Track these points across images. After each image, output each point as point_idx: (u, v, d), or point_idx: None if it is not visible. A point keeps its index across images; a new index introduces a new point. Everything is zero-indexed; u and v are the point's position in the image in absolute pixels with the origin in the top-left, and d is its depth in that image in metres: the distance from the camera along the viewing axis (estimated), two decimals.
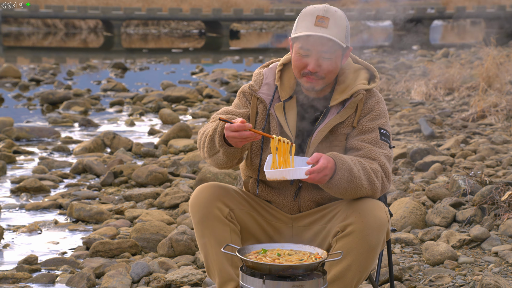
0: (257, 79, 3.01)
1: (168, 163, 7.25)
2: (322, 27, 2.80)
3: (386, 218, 2.79)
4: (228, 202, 2.90)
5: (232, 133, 2.72)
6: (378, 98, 2.96)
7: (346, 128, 2.91)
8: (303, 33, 2.82)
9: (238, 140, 2.73)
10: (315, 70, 2.83)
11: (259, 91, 2.98)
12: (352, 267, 2.76)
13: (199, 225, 2.87)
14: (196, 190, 2.93)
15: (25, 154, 8.08)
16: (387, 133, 2.93)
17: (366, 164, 2.81)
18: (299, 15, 2.89)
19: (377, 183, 2.81)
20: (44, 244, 5.02)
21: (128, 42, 29.81)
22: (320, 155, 2.70)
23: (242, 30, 37.47)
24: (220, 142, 2.81)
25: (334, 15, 2.84)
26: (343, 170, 2.72)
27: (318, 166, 2.66)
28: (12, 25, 33.57)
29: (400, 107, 10.56)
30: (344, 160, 2.74)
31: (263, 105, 2.97)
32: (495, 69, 10.74)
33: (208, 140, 2.88)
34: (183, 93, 12.77)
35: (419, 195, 5.44)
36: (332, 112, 2.90)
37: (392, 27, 37.68)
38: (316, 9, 2.84)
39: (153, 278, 4.03)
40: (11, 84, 14.85)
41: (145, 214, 5.37)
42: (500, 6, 35.72)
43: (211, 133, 2.87)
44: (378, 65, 16.63)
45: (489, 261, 4.16)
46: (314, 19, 2.82)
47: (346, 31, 2.86)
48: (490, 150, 6.89)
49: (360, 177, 2.76)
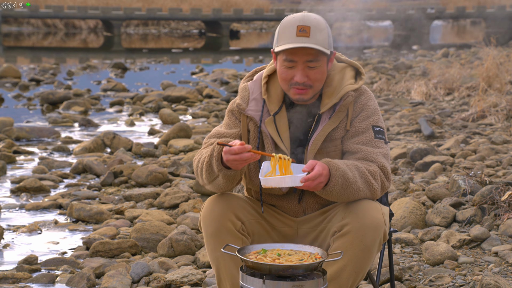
0: (243, 95, 2.96)
1: (168, 163, 7.25)
2: (304, 37, 2.76)
3: (382, 219, 2.79)
4: (240, 215, 2.88)
5: (233, 156, 2.69)
6: (368, 96, 2.93)
7: (340, 132, 2.89)
8: (286, 45, 2.78)
9: (239, 162, 2.71)
10: (302, 81, 2.80)
11: (247, 109, 2.92)
12: (347, 267, 2.75)
13: (212, 238, 2.84)
14: (208, 202, 2.90)
15: (25, 154, 8.08)
16: (380, 129, 2.90)
17: (363, 167, 2.80)
18: (279, 27, 2.84)
19: (375, 185, 2.80)
20: (44, 244, 5.02)
21: (128, 42, 29.82)
22: (315, 162, 2.69)
23: (242, 30, 37.48)
24: (219, 166, 2.78)
25: (314, 22, 2.79)
26: (337, 177, 2.72)
27: (313, 173, 2.66)
28: (12, 25, 33.58)
29: (400, 107, 10.56)
30: (338, 167, 2.73)
31: (253, 123, 2.94)
32: (495, 69, 10.74)
33: (205, 166, 2.84)
34: (183, 93, 12.77)
35: (419, 195, 5.44)
36: (324, 118, 2.88)
37: (392, 27, 37.69)
38: (295, 19, 2.80)
39: (153, 278, 4.03)
40: (11, 84, 14.85)
41: (145, 214, 5.37)
42: (500, 6, 35.71)
43: (208, 159, 2.83)
44: (378, 65, 16.63)
45: (489, 261, 4.16)
46: (295, 30, 2.78)
47: (328, 36, 2.82)
48: (490, 150, 6.89)
49: (356, 182, 2.76)
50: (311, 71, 2.81)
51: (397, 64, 16.59)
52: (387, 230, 2.85)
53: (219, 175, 2.81)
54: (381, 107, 10.46)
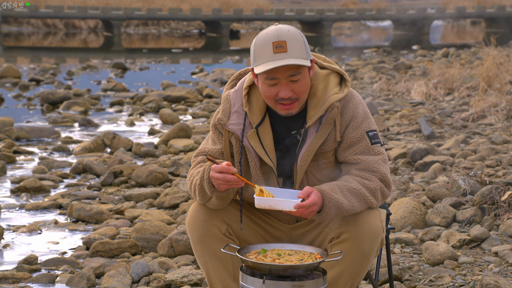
0: (225, 107, 2.88)
1: (168, 163, 7.25)
2: (282, 53, 2.69)
3: (381, 227, 2.78)
4: (225, 218, 2.86)
5: (217, 174, 2.67)
6: (355, 102, 2.84)
7: (330, 144, 2.82)
8: (265, 65, 2.70)
9: (221, 182, 2.67)
10: (288, 96, 2.72)
11: (228, 123, 2.85)
12: (344, 274, 2.75)
13: (198, 244, 2.85)
14: (191, 209, 2.89)
15: (25, 154, 8.08)
16: (375, 133, 2.84)
17: (362, 187, 2.75)
18: (254, 45, 2.77)
19: (374, 202, 2.78)
20: (44, 244, 5.02)
21: (128, 42, 29.82)
22: (311, 190, 2.67)
23: (242, 30, 37.48)
24: (211, 188, 2.76)
25: (288, 35, 2.72)
26: (330, 207, 2.69)
27: (308, 201, 2.64)
28: (12, 25, 33.58)
29: (400, 107, 10.56)
30: (331, 197, 2.69)
31: (235, 137, 2.87)
32: (495, 69, 10.75)
33: (198, 189, 2.81)
34: (183, 93, 12.77)
35: (419, 195, 5.44)
36: (311, 132, 2.80)
37: (392, 27, 37.69)
38: (269, 35, 2.73)
39: (153, 278, 4.03)
40: (11, 84, 14.85)
41: (145, 214, 5.37)
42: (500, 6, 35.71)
43: (199, 181, 2.80)
44: (378, 65, 16.63)
45: (489, 261, 4.16)
46: (271, 47, 2.70)
47: (305, 46, 2.75)
48: (490, 150, 6.89)
49: (352, 207, 2.73)
50: (294, 84, 2.73)
51: (397, 64, 16.59)
52: (384, 237, 2.84)
53: (212, 197, 2.79)
54: (381, 107, 10.46)
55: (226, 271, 2.83)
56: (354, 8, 38.00)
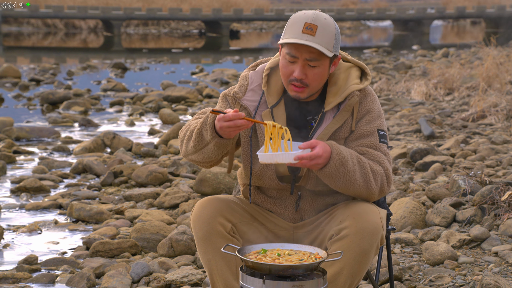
0: (242, 84, 2.94)
1: (168, 163, 7.25)
2: (310, 35, 2.73)
3: (380, 224, 2.78)
4: (230, 217, 2.87)
5: (226, 123, 2.68)
6: (373, 98, 2.91)
7: (345, 132, 2.86)
8: (289, 39, 2.76)
9: (232, 129, 2.69)
10: (300, 77, 2.77)
11: (243, 98, 2.90)
12: (344, 271, 2.75)
13: (202, 242, 2.84)
14: (197, 206, 2.89)
15: (25, 154, 8.08)
16: (385, 133, 2.90)
17: (368, 163, 2.79)
18: (289, 20, 2.83)
19: (373, 185, 2.79)
20: (44, 244, 5.02)
21: (128, 42, 29.82)
22: (317, 143, 2.68)
23: (242, 30, 37.48)
24: (212, 134, 2.76)
25: (323, 22, 2.76)
26: (335, 161, 2.70)
27: (311, 153, 2.65)
28: (12, 25, 33.59)
29: (400, 107, 10.56)
30: (339, 151, 2.71)
31: (246, 112, 2.90)
32: (495, 69, 10.75)
33: (195, 134, 2.83)
34: (183, 93, 12.77)
35: (419, 195, 5.44)
36: (327, 117, 2.85)
37: (392, 27, 37.69)
38: (306, 15, 2.77)
39: (153, 278, 4.03)
40: (11, 84, 14.86)
41: (145, 214, 5.37)
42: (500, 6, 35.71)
43: (199, 126, 2.81)
44: (378, 65, 16.63)
45: (489, 261, 4.16)
46: (302, 26, 2.75)
47: (335, 40, 2.78)
48: (490, 150, 6.89)
49: (354, 172, 2.74)
50: (310, 70, 2.78)
51: (397, 64, 16.59)
52: (384, 234, 2.84)
53: (210, 143, 2.79)
54: (381, 107, 10.47)
55: (229, 270, 2.83)
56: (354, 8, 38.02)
